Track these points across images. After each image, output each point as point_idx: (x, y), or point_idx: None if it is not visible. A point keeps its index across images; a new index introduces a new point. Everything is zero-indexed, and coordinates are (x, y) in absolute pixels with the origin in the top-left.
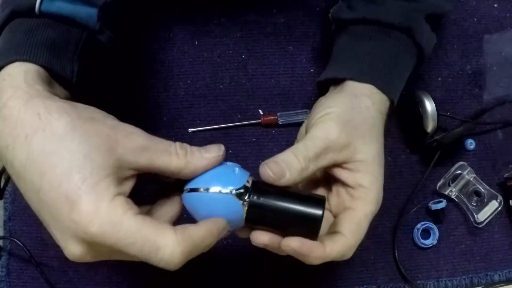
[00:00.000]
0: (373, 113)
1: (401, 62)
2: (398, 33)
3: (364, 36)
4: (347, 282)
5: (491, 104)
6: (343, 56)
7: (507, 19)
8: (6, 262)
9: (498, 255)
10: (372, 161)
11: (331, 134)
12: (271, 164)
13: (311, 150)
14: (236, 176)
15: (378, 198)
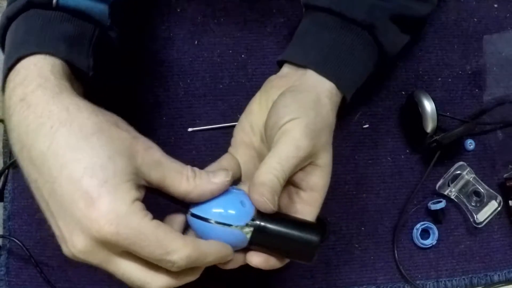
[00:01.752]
0: (331, 117)
1: (359, 58)
2: (359, 29)
3: (326, 26)
4: (347, 282)
5: (491, 104)
6: (304, 41)
7: (507, 19)
8: (5, 261)
9: (497, 255)
10: (327, 166)
11: (301, 149)
12: (268, 196)
13: (287, 170)
14: (243, 209)
15: (323, 200)
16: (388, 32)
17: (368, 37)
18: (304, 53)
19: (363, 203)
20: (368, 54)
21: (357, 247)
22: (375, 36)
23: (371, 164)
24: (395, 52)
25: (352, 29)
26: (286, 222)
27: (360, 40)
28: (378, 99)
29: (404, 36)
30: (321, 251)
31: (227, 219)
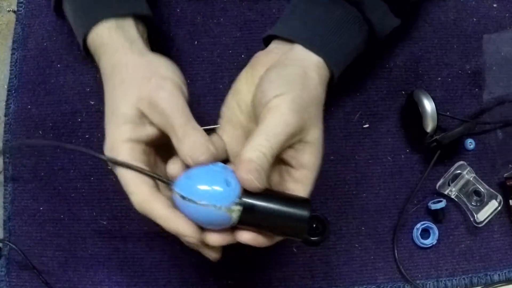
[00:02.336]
0: (320, 91)
1: (347, 34)
2: (348, 5)
3: (315, 1)
4: (347, 282)
5: (491, 103)
6: (293, 17)
7: (507, 19)
8: (5, 262)
9: (497, 255)
10: (317, 142)
11: (289, 125)
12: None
13: (275, 147)
14: (227, 189)
15: (315, 178)
16: (376, 10)
17: (356, 13)
18: (291, 28)
19: (363, 203)
20: (357, 31)
21: (357, 247)
22: (363, 12)
23: (371, 163)
24: (385, 32)
25: (340, 4)
26: (275, 199)
27: (348, 17)
28: (378, 99)
29: (394, 19)
30: (321, 251)
31: (210, 199)
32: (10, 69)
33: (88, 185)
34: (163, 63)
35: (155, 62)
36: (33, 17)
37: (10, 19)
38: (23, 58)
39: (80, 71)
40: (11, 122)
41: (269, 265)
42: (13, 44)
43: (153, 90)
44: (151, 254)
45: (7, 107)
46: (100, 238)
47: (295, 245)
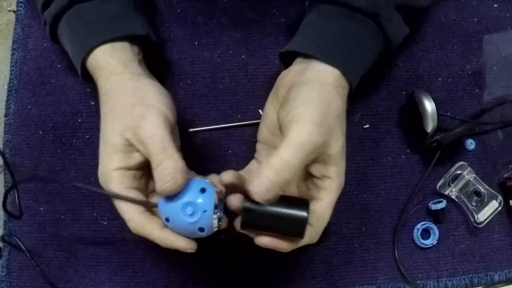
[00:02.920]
0: (339, 103)
1: (364, 47)
2: (364, 17)
3: (331, 16)
4: (347, 282)
5: (491, 104)
6: (309, 32)
7: (507, 19)
8: (6, 262)
9: (498, 255)
10: (339, 154)
11: (312, 140)
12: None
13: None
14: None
15: (341, 186)
16: (392, 21)
17: (372, 26)
18: (308, 43)
19: (364, 203)
20: (373, 43)
21: (358, 247)
22: (379, 24)
23: (372, 164)
24: (398, 42)
25: (357, 18)
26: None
27: (365, 29)
28: (378, 99)
29: (405, 27)
30: (321, 251)
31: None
32: (10, 69)
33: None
34: (151, 89)
35: (143, 89)
36: (33, 17)
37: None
38: (23, 58)
39: None
40: (11, 122)
41: (269, 266)
42: (13, 44)
43: (136, 119)
44: (151, 254)
45: (7, 107)
46: (101, 238)
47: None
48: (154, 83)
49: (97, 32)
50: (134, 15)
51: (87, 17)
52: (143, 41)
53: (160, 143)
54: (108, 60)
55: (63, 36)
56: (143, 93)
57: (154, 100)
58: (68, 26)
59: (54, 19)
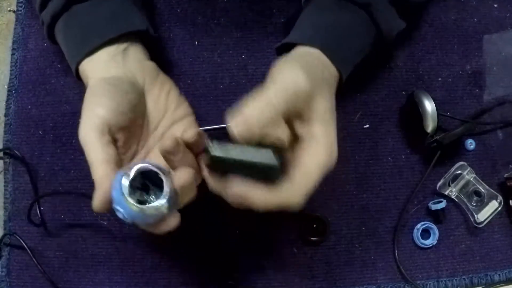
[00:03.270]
0: (326, 74)
1: (354, 36)
2: (356, 8)
3: (323, 7)
4: (347, 282)
5: (491, 104)
6: (302, 25)
7: (507, 19)
8: (6, 262)
9: (498, 255)
10: (325, 112)
11: (297, 82)
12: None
13: (282, 104)
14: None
15: (330, 150)
16: (384, 12)
17: (364, 16)
18: (301, 33)
19: (364, 203)
20: (364, 33)
21: (358, 247)
22: (371, 14)
23: (372, 164)
24: (392, 34)
25: (348, 7)
26: (242, 151)
27: (357, 20)
28: (378, 99)
29: (400, 22)
30: (321, 251)
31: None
32: (10, 69)
33: (89, 185)
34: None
35: (89, 94)
36: (33, 17)
37: (10, 19)
38: (23, 58)
39: None
40: (11, 122)
41: (269, 265)
42: (13, 44)
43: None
44: (151, 254)
45: (7, 107)
46: (101, 238)
47: (295, 245)
48: (103, 84)
49: (93, 36)
50: (132, 10)
51: (84, 20)
52: (143, 36)
53: (89, 152)
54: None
55: (60, 37)
56: (89, 98)
57: (93, 104)
58: (65, 29)
59: (52, 20)
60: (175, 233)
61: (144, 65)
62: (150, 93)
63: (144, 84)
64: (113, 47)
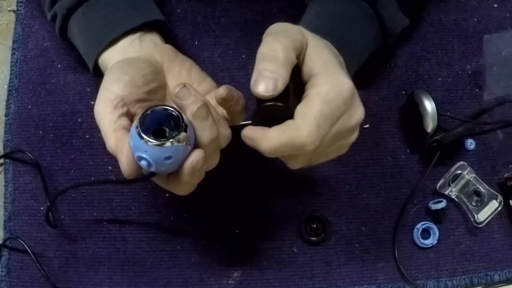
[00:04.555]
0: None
1: (360, 29)
2: (361, 1)
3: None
4: (347, 282)
5: (491, 104)
6: (308, 15)
7: (507, 19)
8: (6, 262)
9: (498, 255)
10: (322, 48)
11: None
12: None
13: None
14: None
15: (333, 82)
16: (388, 6)
17: (368, 9)
18: (308, 23)
19: (364, 203)
20: (369, 27)
21: (358, 247)
22: (375, 8)
23: (372, 164)
24: (395, 32)
25: (354, 1)
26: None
27: (361, 12)
28: (378, 99)
29: (404, 18)
30: (321, 251)
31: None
32: (11, 69)
33: (89, 185)
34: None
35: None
36: (33, 17)
37: (10, 19)
38: (23, 58)
39: (81, 71)
40: (11, 122)
41: (269, 265)
42: (13, 44)
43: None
44: (151, 254)
45: (7, 107)
46: (100, 238)
47: (295, 245)
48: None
49: (114, 26)
50: (149, 1)
51: (103, 11)
52: (158, 27)
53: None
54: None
55: (75, 30)
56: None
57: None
58: (82, 21)
59: (68, 12)
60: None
61: (162, 48)
62: (170, 72)
63: (163, 63)
64: (129, 37)
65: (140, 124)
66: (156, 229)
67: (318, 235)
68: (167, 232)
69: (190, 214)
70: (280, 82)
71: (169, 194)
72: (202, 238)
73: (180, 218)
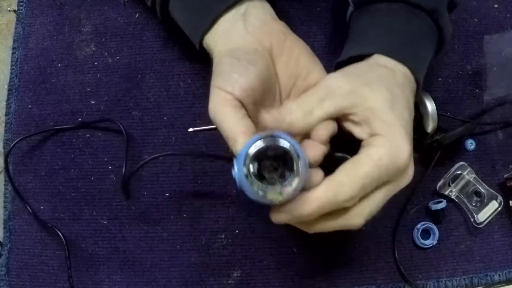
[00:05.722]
0: (389, 76)
1: (426, 45)
2: (423, 14)
3: (391, 13)
4: (347, 282)
5: (491, 104)
6: (368, 34)
7: (508, 20)
8: (6, 261)
9: (498, 255)
10: (383, 108)
11: (329, 79)
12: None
13: (313, 94)
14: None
15: (394, 146)
16: (446, 18)
17: (430, 22)
18: (371, 42)
19: None
20: (430, 41)
21: (357, 247)
22: (436, 21)
23: None
24: (450, 39)
25: (417, 14)
26: None
27: (424, 26)
28: None
29: (451, 25)
30: (321, 251)
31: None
32: (11, 68)
33: (89, 185)
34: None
35: (218, 68)
36: (34, 16)
37: (10, 19)
38: (23, 57)
39: (81, 71)
40: (11, 122)
41: (269, 265)
42: (13, 43)
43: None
44: (151, 254)
45: (7, 107)
46: (100, 237)
47: (295, 245)
48: (228, 60)
49: (214, 2)
50: None
51: None
52: None
53: (225, 126)
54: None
55: (177, 13)
56: (216, 77)
57: (218, 82)
58: (183, 1)
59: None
60: None
61: (270, 27)
62: (278, 59)
63: (272, 48)
64: (231, 12)
65: (250, 162)
66: (156, 229)
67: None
68: (167, 232)
69: (190, 214)
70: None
71: (169, 193)
72: (202, 238)
73: (180, 218)
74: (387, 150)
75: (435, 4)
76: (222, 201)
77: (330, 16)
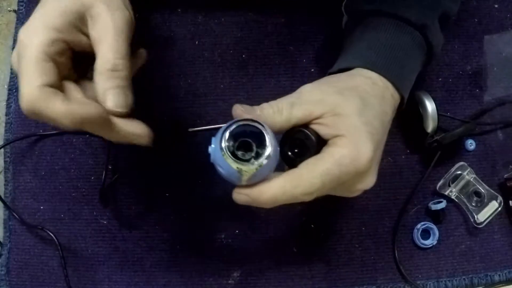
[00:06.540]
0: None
1: (413, 59)
2: (412, 29)
3: (380, 28)
4: (347, 282)
5: (492, 104)
6: (357, 47)
7: (508, 20)
8: (6, 261)
9: (498, 255)
10: (351, 113)
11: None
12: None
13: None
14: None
15: (356, 148)
16: (436, 32)
17: (419, 37)
18: (359, 56)
19: (364, 203)
20: (419, 55)
21: (358, 247)
22: (425, 36)
23: None
24: (439, 52)
25: (406, 29)
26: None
27: (413, 41)
28: None
29: (442, 36)
30: (321, 251)
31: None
32: (11, 68)
33: (89, 185)
34: None
35: None
36: None
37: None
38: None
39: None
40: (12, 122)
41: (269, 265)
42: (14, 43)
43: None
44: (151, 254)
45: (8, 107)
46: (100, 237)
47: (295, 245)
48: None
49: None
50: None
51: None
52: None
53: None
54: None
55: None
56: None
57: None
58: None
59: None
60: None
61: None
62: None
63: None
64: None
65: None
66: (156, 229)
67: (318, 235)
68: (167, 232)
69: (190, 213)
70: None
71: (169, 193)
72: (202, 238)
73: (180, 218)
74: (349, 151)
75: (425, 19)
76: (222, 201)
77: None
